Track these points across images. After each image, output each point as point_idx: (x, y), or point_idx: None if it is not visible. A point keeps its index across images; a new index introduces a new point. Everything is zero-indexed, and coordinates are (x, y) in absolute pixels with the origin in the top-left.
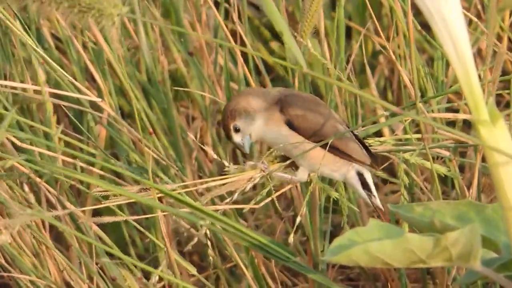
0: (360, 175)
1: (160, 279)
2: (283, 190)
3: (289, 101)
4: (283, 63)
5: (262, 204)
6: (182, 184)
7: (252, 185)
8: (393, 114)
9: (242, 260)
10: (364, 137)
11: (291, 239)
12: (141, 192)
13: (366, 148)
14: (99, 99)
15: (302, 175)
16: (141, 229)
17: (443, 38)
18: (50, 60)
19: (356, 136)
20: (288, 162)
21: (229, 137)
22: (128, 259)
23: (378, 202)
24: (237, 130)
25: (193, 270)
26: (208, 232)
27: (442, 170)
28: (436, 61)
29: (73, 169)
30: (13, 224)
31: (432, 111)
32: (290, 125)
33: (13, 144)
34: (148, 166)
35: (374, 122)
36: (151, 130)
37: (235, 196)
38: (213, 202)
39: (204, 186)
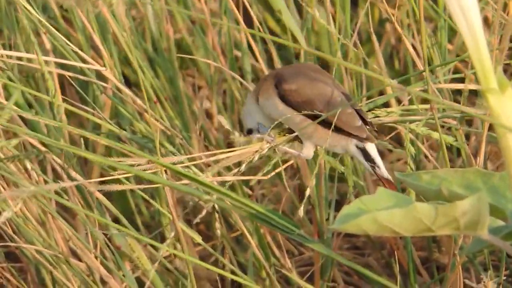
0: (361, 149)
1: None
2: (289, 162)
3: (284, 75)
4: (284, 42)
5: (269, 176)
6: (189, 156)
7: (258, 156)
8: (401, 82)
9: (248, 229)
10: (371, 109)
11: (300, 213)
12: (148, 164)
13: (364, 120)
14: (103, 68)
15: (307, 151)
16: (147, 197)
17: (453, 6)
18: (53, 29)
19: (356, 109)
20: (294, 134)
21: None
22: (133, 232)
23: (383, 172)
24: (250, 132)
25: (199, 239)
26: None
27: (449, 140)
28: (439, 30)
29: (79, 139)
30: (20, 196)
31: (439, 82)
32: (283, 99)
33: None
34: (153, 136)
35: (381, 92)
36: (155, 99)
37: (243, 167)
38: (219, 173)
39: (213, 158)
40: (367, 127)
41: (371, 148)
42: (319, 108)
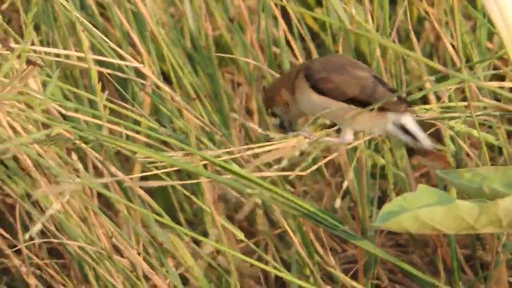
0: (399, 126)
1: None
2: (330, 157)
3: (313, 65)
4: (324, 18)
5: (309, 171)
6: (226, 150)
7: (299, 152)
8: (439, 79)
9: (290, 226)
10: (410, 104)
11: (337, 203)
12: (187, 156)
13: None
14: (141, 65)
15: (347, 136)
16: (188, 194)
17: (489, 4)
18: (91, 26)
19: (390, 88)
20: (331, 129)
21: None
22: (176, 227)
23: (427, 144)
24: (274, 115)
25: (241, 236)
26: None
27: (490, 138)
28: (478, 28)
29: (119, 136)
30: (63, 192)
31: (478, 78)
32: (316, 89)
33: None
34: (191, 133)
35: (420, 89)
36: (195, 96)
37: (284, 163)
38: (259, 169)
39: (249, 152)
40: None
41: (409, 122)
42: (353, 92)
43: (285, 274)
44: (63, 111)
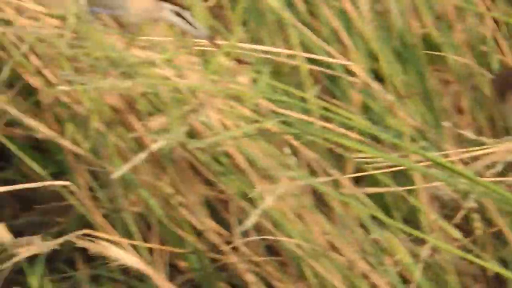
0: None
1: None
2: None
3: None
4: None
5: None
6: (442, 153)
7: None
8: None
9: (507, 224)
10: None
11: None
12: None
13: None
14: (351, 63)
15: None
16: (403, 193)
17: None
18: (299, 24)
19: None
20: None
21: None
22: (394, 224)
23: None
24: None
25: (457, 235)
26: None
27: None
28: None
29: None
30: (276, 189)
31: None
32: None
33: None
34: (405, 131)
35: None
36: (405, 94)
37: (499, 167)
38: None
39: (467, 155)
40: None
41: None
42: None
43: (507, 271)
44: (274, 108)
